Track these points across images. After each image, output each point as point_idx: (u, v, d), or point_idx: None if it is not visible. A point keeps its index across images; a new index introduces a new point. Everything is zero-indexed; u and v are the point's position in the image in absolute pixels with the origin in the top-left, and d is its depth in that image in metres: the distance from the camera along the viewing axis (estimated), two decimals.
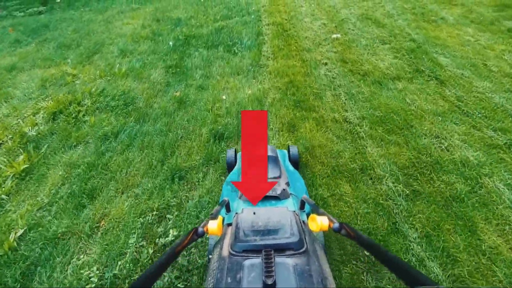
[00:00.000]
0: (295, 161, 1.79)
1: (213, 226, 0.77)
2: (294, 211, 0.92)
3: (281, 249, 0.74)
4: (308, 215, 1.00)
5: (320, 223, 0.75)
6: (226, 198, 1.11)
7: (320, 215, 0.78)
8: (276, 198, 1.10)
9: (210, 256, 0.93)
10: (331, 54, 3.44)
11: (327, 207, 1.76)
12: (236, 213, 0.93)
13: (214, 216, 0.82)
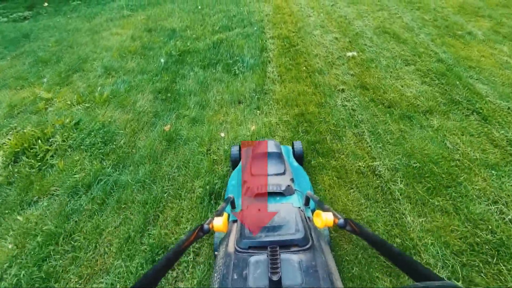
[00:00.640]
0: (299, 157, 1.76)
1: (218, 223, 0.77)
2: (299, 207, 0.93)
3: (286, 245, 0.75)
4: (313, 211, 0.97)
5: (325, 219, 0.74)
6: (231, 195, 1.09)
7: (325, 211, 0.76)
8: (281, 194, 1.09)
9: (216, 253, 0.90)
10: (347, 78, 2.96)
11: None
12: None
13: (220, 213, 0.81)
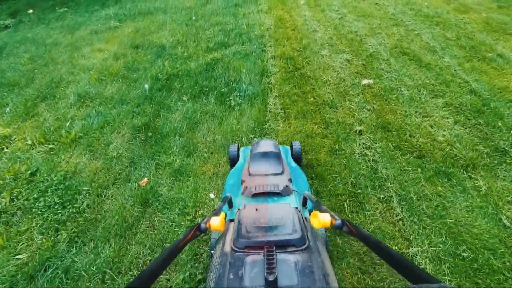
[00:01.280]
0: (297, 157, 1.76)
1: (215, 222, 0.76)
2: (296, 208, 0.93)
3: (283, 245, 0.74)
4: (310, 212, 0.95)
5: (322, 219, 0.72)
6: (228, 194, 1.07)
7: (322, 211, 0.75)
8: (279, 194, 1.07)
9: (213, 252, 0.90)
10: (364, 114, 2.48)
11: None
12: (239, 209, 0.94)
13: (217, 212, 0.81)
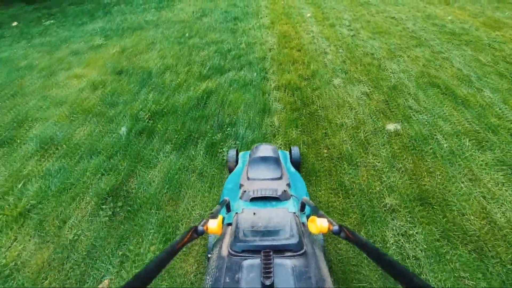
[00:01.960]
0: (296, 162, 1.76)
1: (213, 225, 0.76)
2: (294, 213, 0.92)
3: (280, 250, 0.74)
4: (308, 217, 0.94)
5: (319, 225, 0.72)
6: (226, 198, 1.08)
7: (320, 217, 0.75)
8: (277, 199, 1.07)
9: (210, 255, 0.91)
10: (394, 177, 1.93)
11: None
12: (236, 213, 0.93)
13: (214, 215, 0.81)
